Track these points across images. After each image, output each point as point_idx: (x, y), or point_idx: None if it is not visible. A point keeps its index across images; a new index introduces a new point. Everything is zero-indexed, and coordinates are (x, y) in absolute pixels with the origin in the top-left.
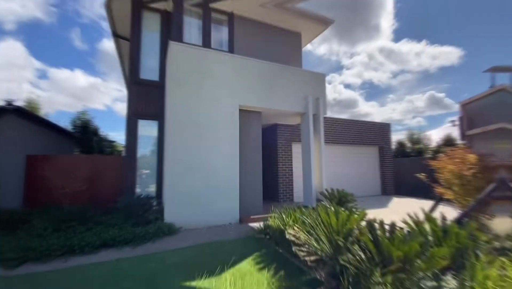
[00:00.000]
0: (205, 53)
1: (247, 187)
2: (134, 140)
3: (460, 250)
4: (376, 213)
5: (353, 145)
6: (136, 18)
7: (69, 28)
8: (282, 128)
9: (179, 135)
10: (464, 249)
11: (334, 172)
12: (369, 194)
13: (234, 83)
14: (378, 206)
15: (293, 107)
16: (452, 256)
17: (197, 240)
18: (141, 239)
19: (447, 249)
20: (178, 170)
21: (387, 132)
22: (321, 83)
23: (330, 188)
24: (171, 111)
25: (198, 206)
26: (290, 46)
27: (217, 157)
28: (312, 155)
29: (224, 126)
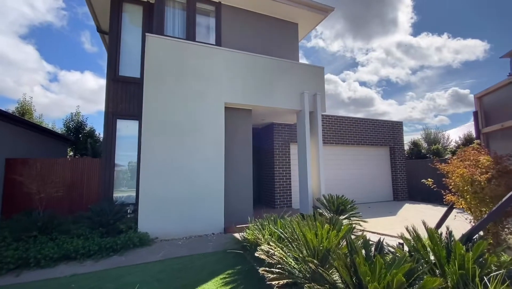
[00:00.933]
0: (186, 46)
1: (235, 192)
2: (112, 142)
3: (464, 278)
4: (381, 221)
5: (361, 146)
6: (116, 11)
7: (79, 31)
8: (279, 128)
9: (156, 136)
10: (469, 276)
11: (339, 175)
12: (379, 199)
13: (219, 78)
14: (386, 213)
15: (287, 104)
16: (452, 287)
17: (169, 253)
18: (107, 251)
19: (440, 279)
20: (155, 174)
21: (399, 132)
22: (319, 77)
23: (328, 194)
24: (147, 110)
25: (177, 214)
26: (286, 38)
27: (199, 159)
28: (308, 157)
29: (208, 126)
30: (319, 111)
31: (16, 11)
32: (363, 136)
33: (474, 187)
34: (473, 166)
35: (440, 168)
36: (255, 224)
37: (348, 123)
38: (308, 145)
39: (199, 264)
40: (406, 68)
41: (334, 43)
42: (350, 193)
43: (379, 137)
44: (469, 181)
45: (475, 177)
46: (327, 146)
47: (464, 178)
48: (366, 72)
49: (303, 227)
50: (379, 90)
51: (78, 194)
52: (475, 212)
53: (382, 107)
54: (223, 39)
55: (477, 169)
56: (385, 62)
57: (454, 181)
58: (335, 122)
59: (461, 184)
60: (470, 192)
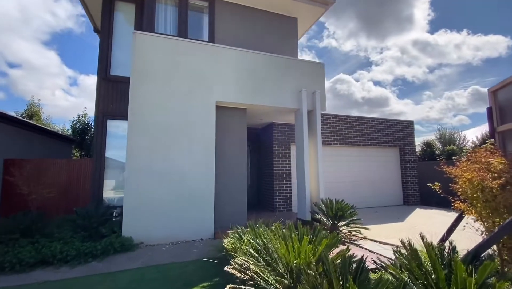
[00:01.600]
0: (176, 44)
1: (228, 195)
2: (102, 142)
3: None
4: (386, 228)
5: (368, 146)
6: (107, 9)
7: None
8: (279, 127)
9: (143, 137)
10: None
11: (344, 178)
12: (389, 203)
13: (211, 76)
14: (393, 219)
15: (284, 103)
16: None
17: (149, 261)
18: (86, 256)
19: None
20: (141, 176)
21: (409, 131)
22: (319, 74)
23: (327, 198)
24: (134, 109)
25: (164, 218)
26: (284, 33)
27: (188, 161)
28: (306, 158)
29: (197, 126)
30: (318, 110)
31: (39, 19)
32: (370, 136)
33: (485, 194)
34: (484, 170)
35: (447, 171)
36: (236, 231)
37: (354, 123)
38: (306, 146)
39: (176, 274)
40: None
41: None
42: (357, 197)
43: (387, 137)
44: (479, 187)
45: (486, 183)
46: (331, 146)
47: (473, 184)
48: (381, 71)
49: (278, 238)
50: (394, 90)
51: (75, 194)
52: (487, 222)
53: (398, 107)
54: (217, 36)
55: (489, 173)
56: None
57: (462, 186)
58: (339, 122)
59: (470, 191)
60: (480, 199)
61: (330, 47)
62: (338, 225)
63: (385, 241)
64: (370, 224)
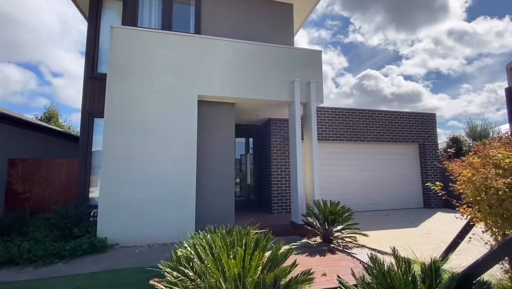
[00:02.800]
0: (155, 36)
1: (212, 195)
2: (89, 141)
3: None
4: (393, 234)
5: (381, 143)
6: (94, 6)
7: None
8: (277, 123)
9: (120, 134)
10: None
11: (352, 177)
12: (405, 206)
13: (193, 69)
14: (405, 224)
15: (275, 95)
16: None
17: (112, 264)
18: (53, 257)
19: None
20: (117, 175)
21: (431, 125)
22: (316, 63)
23: (322, 200)
24: (110, 107)
25: (141, 219)
26: (279, 21)
27: (167, 159)
28: (299, 156)
29: (177, 122)
30: (314, 102)
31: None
32: (383, 131)
33: (488, 197)
34: (489, 165)
35: (449, 167)
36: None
37: (363, 117)
38: (298, 142)
39: (124, 282)
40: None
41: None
42: (367, 198)
43: (404, 132)
44: (481, 188)
45: (489, 182)
46: (337, 143)
47: (474, 184)
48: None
49: (219, 250)
50: (427, 84)
51: (71, 193)
52: (494, 232)
53: (432, 102)
54: (205, 27)
55: (493, 170)
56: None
57: (462, 187)
58: (346, 116)
59: (471, 193)
60: (484, 204)
61: (356, 43)
62: (332, 230)
63: (384, 250)
64: (376, 230)
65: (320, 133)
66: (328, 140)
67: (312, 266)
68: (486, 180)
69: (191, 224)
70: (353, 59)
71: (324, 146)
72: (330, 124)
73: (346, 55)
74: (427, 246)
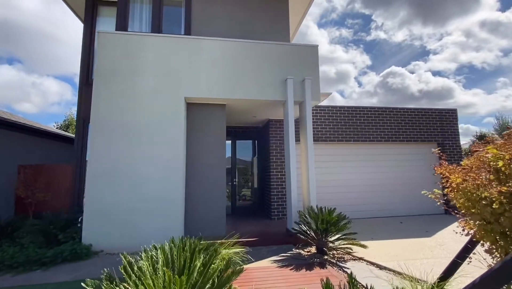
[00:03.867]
0: (141, 39)
1: (203, 202)
2: (83, 147)
3: None
4: (400, 245)
5: (393, 143)
6: (89, 13)
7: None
8: (277, 124)
9: (105, 139)
10: None
11: (358, 181)
12: (423, 212)
13: (180, 70)
14: (418, 233)
15: (266, 94)
16: None
17: (86, 274)
18: (33, 264)
19: None
20: (103, 180)
21: (451, 123)
22: (311, 59)
23: (316, 207)
24: (96, 112)
25: (127, 226)
26: (273, 17)
27: (152, 165)
28: (292, 159)
29: (163, 126)
30: (309, 100)
31: None
32: (395, 130)
33: (481, 210)
34: (482, 169)
35: (441, 172)
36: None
37: (372, 115)
38: (292, 144)
39: None
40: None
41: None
42: (376, 203)
43: (420, 131)
44: (474, 197)
45: (480, 191)
46: (342, 144)
47: (464, 192)
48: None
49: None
50: (459, 79)
51: (66, 199)
52: (493, 252)
53: (465, 98)
54: (195, 28)
55: (483, 173)
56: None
57: (453, 195)
58: (352, 115)
59: (462, 203)
60: (477, 217)
61: (378, 40)
62: (327, 240)
63: (384, 265)
64: (383, 239)
65: (324, 133)
66: (333, 141)
67: (294, 283)
68: (478, 187)
69: (179, 231)
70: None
71: (330, 147)
72: (335, 124)
73: (369, 53)
74: (436, 260)
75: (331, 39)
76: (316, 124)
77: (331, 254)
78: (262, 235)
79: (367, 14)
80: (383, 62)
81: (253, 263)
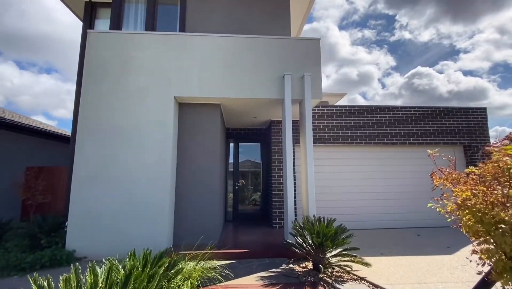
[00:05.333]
0: (131, 38)
1: (194, 208)
2: None
3: None
4: (413, 264)
5: (412, 146)
6: (88, 14)
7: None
8: (278, 126)
9: (91, 142)
10: None
11: (370, 188)
12: (447, 223)
13: (170, 69)
14: (438, 249)
15: (263, 93)
16: None
17: None
18: (13, 269)
19: None
20: (88, 183)
21: (480, 123)
22: (313, 54)
23: (313, 217)
24: (83, 113)
25: (112, 231)
26: (273, 11)
27: (140, 167)
28: (288, 164)
29: (151, 127)
30: (308, 98)
31: None
32: (414, 132)
33: (499, 238)
34: (500, 179)
35: (440, 183)
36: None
37: (387, 115)
38: (288, 145)
39: None
40: None
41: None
42: (392, 212)
43: (442, 132)
44: (488, 219)
45: (496, 212)
46: (351, 147)
47: (473, 211)
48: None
49: None
50: (494, 79)
51: (66, 201)
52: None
53: (500, 98)
54: (190, 25)
55: (498, 186)
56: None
57: (461, 215)
58: (364, 116)
59: (472, 226)
60: (494, 250)
61: (403, 40)
62: (324, 255)
63: (388, 288)
64: (394, 255)
65: (332, 135)
66: (342, 143)
67: None
68: (492, 206)
69: (168, 238)
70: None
71: (339, 150)
72: (344, 125)
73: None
74: (456, 286)
75: (353, 40)
76: (322, 126)
77: (329, 272)
78: (255, 246)
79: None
80: (408, 62)
81: (236, 279)
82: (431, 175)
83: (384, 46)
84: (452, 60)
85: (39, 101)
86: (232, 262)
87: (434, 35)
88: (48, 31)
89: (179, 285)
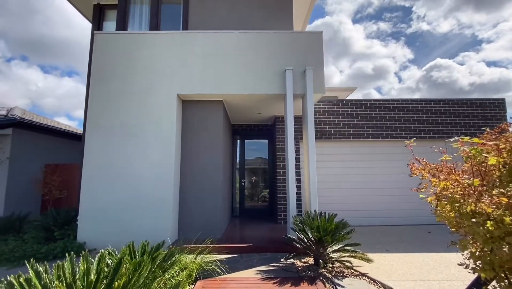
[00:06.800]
0: (135, 37)
1: (198, 203)
2: None
3: None
4: (419, 261)
5: (423, 140)
6: (97, 15)
7: None
8: (282, 121)
9: (98, 140)
10: None
11: (380, 184)
12: None
13: (173, 67)
14: (444, 247)
15: (265, 88)
16: None
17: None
18: (28, 259)
19: None
20: (97, 179)
21: (498, 115)
22: (315, 47)
23: (313, 211)
24: (91, 112)
25: (119, 224)
26: (276, 6)
27: (144, 164)
28: (290, 159)
29: (155, 124)
30: (310, 92)
31: None
32: (425, 125)
33: (472, 230)
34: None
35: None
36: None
37: (396, 109)
38: (289, 140)
39: None
40: None
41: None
42: (402, 208)
43: (455, 125)
44: (465, 212)
45: (467, 202)
46: (359, 142)
47: (451, 202)
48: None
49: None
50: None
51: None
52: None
53: None
54: (192, 22)
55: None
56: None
57: (440, 207)
58: (372, 109)
59: (453, 217)
60: (475, 246)
61: (420, 32)
62: (325, 251)
63: (390, 285)
64: (400, 252)
65: (338, 130)
66: (348, 138)
67: None
68: (463, 196)
69: (172, 232)
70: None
71: (345, 145)
72: (350, 120)
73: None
74: (462, 284)
75: (367, 34)
76: (328, 120)
77: (329, 267)
78: (258, 240)
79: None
80: (427, 55)
81: (236, 272)
82: (408, 164)
83: (401, 39)
84: (474, 51)
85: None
86: (233, 256)
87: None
88: (69, 36)
89: (174, 276)
